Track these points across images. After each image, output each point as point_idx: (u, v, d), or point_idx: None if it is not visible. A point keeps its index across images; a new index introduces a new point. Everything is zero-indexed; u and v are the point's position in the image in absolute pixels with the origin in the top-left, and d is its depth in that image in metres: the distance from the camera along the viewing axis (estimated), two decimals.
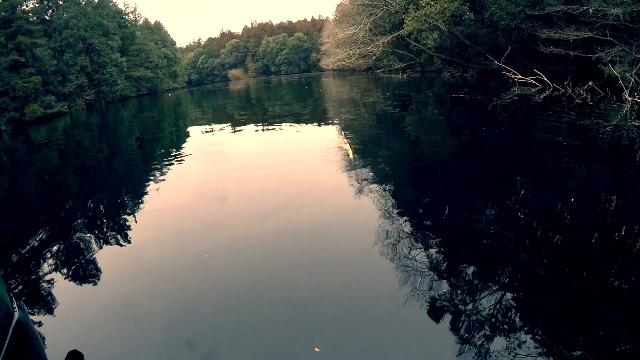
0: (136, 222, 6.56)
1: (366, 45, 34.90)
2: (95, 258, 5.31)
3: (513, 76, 18.59)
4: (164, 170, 10.19)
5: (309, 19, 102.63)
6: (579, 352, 2.85)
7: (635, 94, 12.13)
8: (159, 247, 5.49)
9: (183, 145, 13.94)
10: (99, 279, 4.73)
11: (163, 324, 3.69)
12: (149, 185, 8.82)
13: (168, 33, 77.82)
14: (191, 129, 18.24)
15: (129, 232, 6.16)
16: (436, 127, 12.38)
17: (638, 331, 3.00)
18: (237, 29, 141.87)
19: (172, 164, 10.79)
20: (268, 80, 67.94)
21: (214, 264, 4.79)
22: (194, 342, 3.34)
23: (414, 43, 29.64)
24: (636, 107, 11.32)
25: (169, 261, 4.99)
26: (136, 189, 8.93)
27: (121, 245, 5.69)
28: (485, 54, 22.05)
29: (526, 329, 3.10)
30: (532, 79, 17.43)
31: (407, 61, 34.75)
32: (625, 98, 12.16)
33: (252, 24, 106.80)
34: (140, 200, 7.83)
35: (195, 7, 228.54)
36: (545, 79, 16.52)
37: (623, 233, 4.45)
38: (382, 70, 38.52)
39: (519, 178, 6.74)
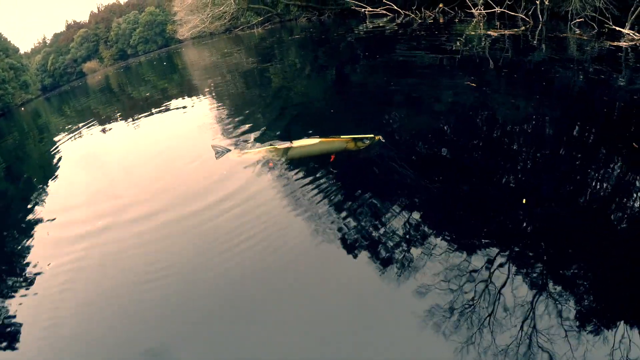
0: (33, 257, 5.54)
1: (218, 6, 31.92)
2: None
3: (364, 10, 17.61)
4: (47, 193, 8.80)
5: None
6: (478, 238, 3.16)
7: (482, 7, 12.11)
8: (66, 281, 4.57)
9: (56, 160, 11.84)
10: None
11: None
12: (35, 216, 7.37)
13: (8, 40, 65.14)
14: (59, 140, 15.23)
15: (30, 277, 5.02)
16: (302, 73, 12.25)
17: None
18: (84, 17, 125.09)
19: (52, 182, 9.33)
20: (127, 65, 61.14)
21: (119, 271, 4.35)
22: None
23: None
24: (483, 18, 12.17)
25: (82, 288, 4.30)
26: (22, 224, 7.37)
27: (27, 289, 4.74)
28: None
29: (434, 233, 3.38)
30: (382, 9, 16.68)
31: (264, 14, 32.50)
32: (474, 13, 12.70)
33: (98, 8, 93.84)
34: (30, 235, 6.50)
35: (30, 3, 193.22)
36: (395, 7, 15.75)
37: (492, 134, 4.97)
38: (240, 28, 35.70)
39: (392, 105, 6.78)
